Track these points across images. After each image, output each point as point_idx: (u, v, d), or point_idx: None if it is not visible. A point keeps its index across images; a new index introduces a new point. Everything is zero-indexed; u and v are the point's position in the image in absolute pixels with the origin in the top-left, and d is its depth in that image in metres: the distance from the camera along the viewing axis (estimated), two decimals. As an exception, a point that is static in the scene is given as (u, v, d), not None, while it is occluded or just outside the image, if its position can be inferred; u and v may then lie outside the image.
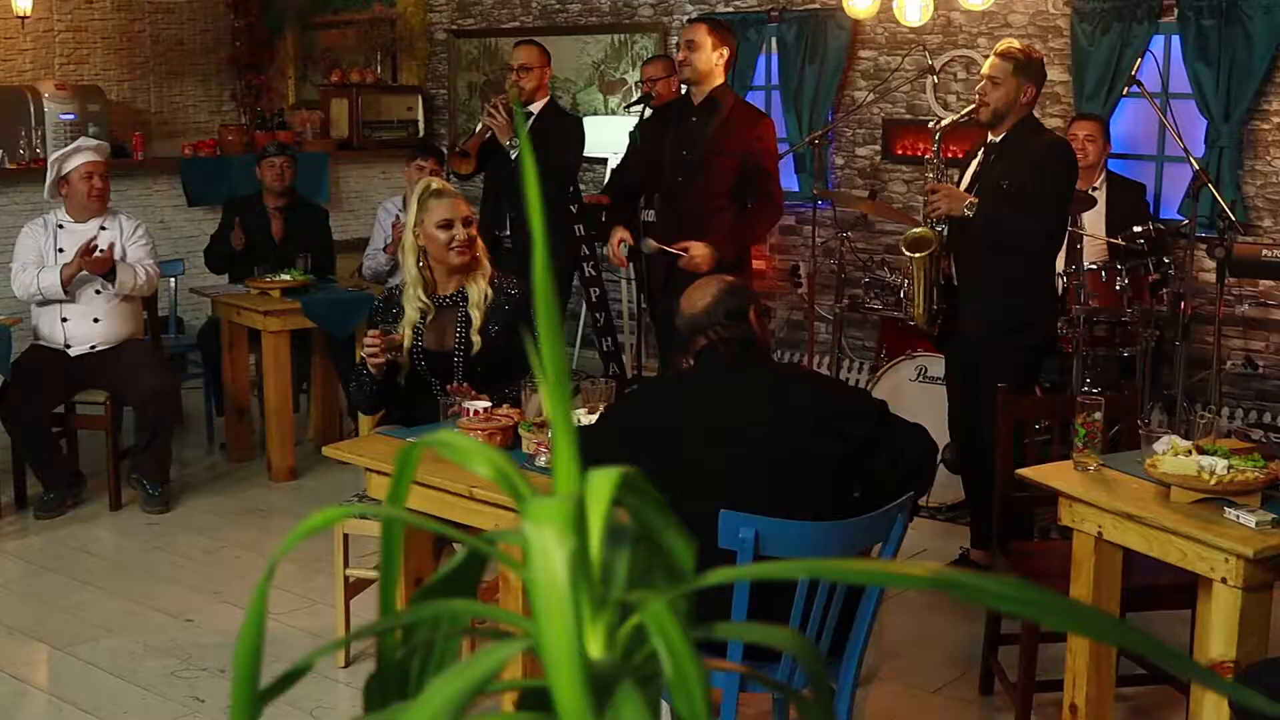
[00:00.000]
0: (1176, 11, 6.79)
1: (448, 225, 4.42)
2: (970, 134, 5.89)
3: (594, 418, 3.74)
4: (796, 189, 8.10)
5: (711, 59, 5.65)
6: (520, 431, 3.90)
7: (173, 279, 7.66)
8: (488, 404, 4.11)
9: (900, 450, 3.29)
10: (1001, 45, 5.18)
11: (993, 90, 5.05)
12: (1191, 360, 6.30)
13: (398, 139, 9.69)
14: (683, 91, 6.07)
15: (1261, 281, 6.61)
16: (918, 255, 5.11)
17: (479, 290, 4.51)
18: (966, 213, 4.99)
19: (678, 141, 5.76)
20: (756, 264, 8.32)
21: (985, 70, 5.14)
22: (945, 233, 5.15)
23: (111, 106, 9.03)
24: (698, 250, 5.55)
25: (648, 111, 6.82)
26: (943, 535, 5.83)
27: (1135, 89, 6.46)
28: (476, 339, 4.47)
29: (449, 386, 4.32)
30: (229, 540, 5.90)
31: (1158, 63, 6.83)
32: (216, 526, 6.09)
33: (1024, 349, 5.17)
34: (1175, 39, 6.89)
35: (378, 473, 3.91)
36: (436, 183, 4.58)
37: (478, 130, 6.73)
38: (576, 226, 7.39)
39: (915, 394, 6.04)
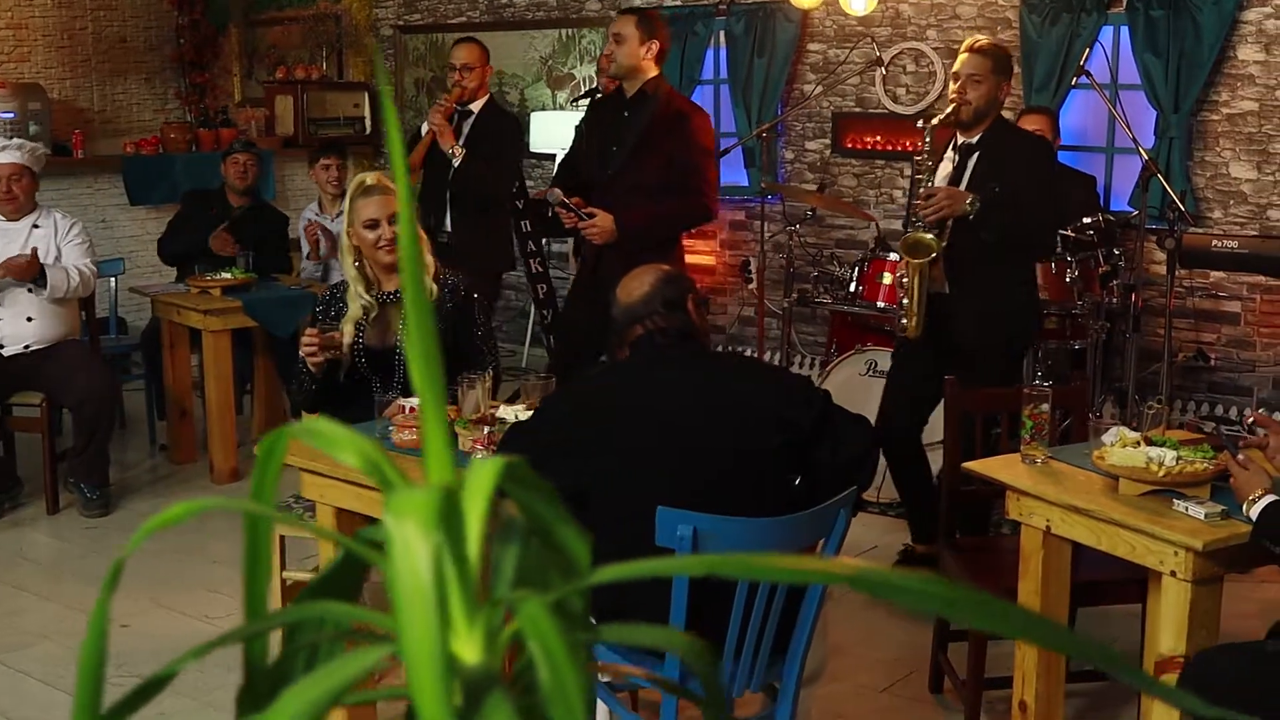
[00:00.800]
0: (1125, 2, 6.76)
1: (374, 225, 4.29)
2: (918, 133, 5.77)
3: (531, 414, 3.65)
4: (746, 183, 8.05)
5: (639, 53, 5.53)
6: (456, 429, 3.80)
7: (113, 278, 7.52)
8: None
9: (842, 441, 3.22)
10: (975, 41, 4.99)
11: (974, 89, 4.86)
12: (1143, 353, 6.26)
13: (344, 136, 9.57)
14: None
15: (1212, 273, 6.60)
16: (917, 260, 4.87)
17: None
18: (968, 209, 4.78)
19: (609, 136, 5.67)
20: (705, 259, 8.28)
21: (961, 69, 4.91)
22: (944, 236, 4.91)
23: (53, 105, 8.88)
24: (600, 220, 5.47)
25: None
26: (891, 531, 5.77)
27: (1084, 80, 6.43)
28: None
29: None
30: (168, 544, 5.75)
31: (1107, 54, 6.81)
32: (156, 530, 5.94)
33: (1018, 354, 5.15)
34: (1124, 30, 6.87)
35: (309, 471, 3.80)
36: (371, 178, 4.40)
37: (423, 134, 6.57)
38: (523, 223, 7.30)
39: (865, 388, 5.98)
